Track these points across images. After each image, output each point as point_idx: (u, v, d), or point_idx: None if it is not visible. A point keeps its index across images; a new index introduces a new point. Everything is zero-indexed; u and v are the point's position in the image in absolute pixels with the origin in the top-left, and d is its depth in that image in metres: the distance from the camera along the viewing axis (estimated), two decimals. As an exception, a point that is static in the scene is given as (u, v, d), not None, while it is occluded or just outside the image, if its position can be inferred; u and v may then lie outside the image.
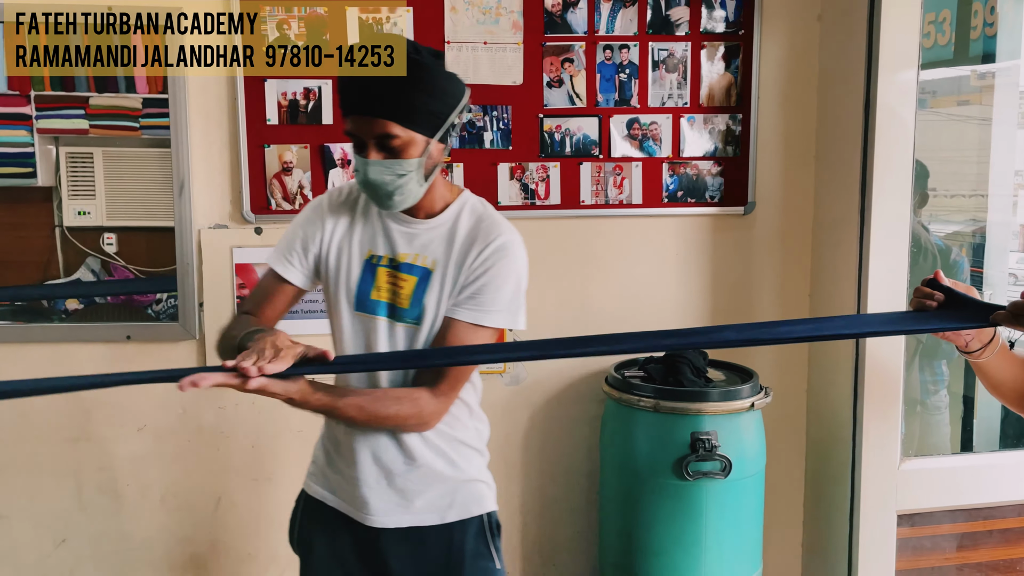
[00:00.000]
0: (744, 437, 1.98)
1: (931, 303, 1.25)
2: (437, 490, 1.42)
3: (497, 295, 1.34)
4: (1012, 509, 2.13)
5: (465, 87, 1.36)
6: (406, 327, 1.36)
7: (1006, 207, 2.75)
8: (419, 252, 1.37)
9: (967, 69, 3.01)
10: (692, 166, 2.23)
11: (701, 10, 2.18)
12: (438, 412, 1.35)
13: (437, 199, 1.38)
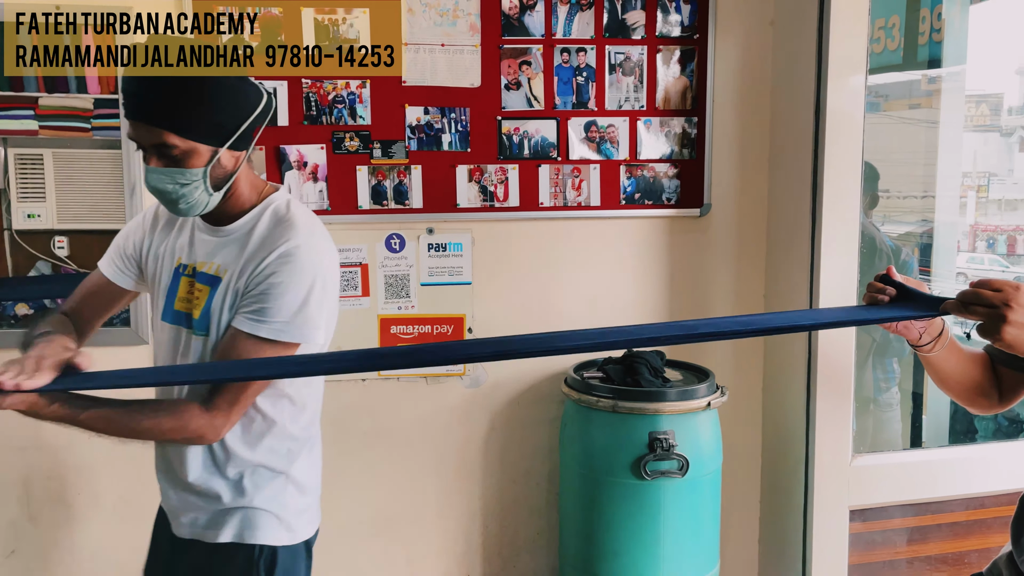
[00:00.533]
0: (701, 436, 2.00)
1: (883, 297, 1.29)
2: (208, 509, 1.35)
3: (278, 305, 1.25)
4: (960, 503, 2.18)
5: (263, 93, 1.30)
6: (197, 339, 1.31)
7: (953, 208, 2.83)
8: (214, 260, 1.32)
9: (918, 73, 3.09)
10: (649, 168, 2.25)
11: (657, 14, 2.20)
12: (213, 427, 1.25)
13: (243, 204, 1.33)
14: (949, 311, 1.19)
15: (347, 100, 2.09)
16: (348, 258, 2.14)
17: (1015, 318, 1.10)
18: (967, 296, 1.16)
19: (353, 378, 2.16)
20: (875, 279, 1.32)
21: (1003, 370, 1.44)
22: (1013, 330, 1.10)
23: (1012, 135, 6.11)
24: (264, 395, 1.31)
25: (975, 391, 1.45)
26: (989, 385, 1.45)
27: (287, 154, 2.09)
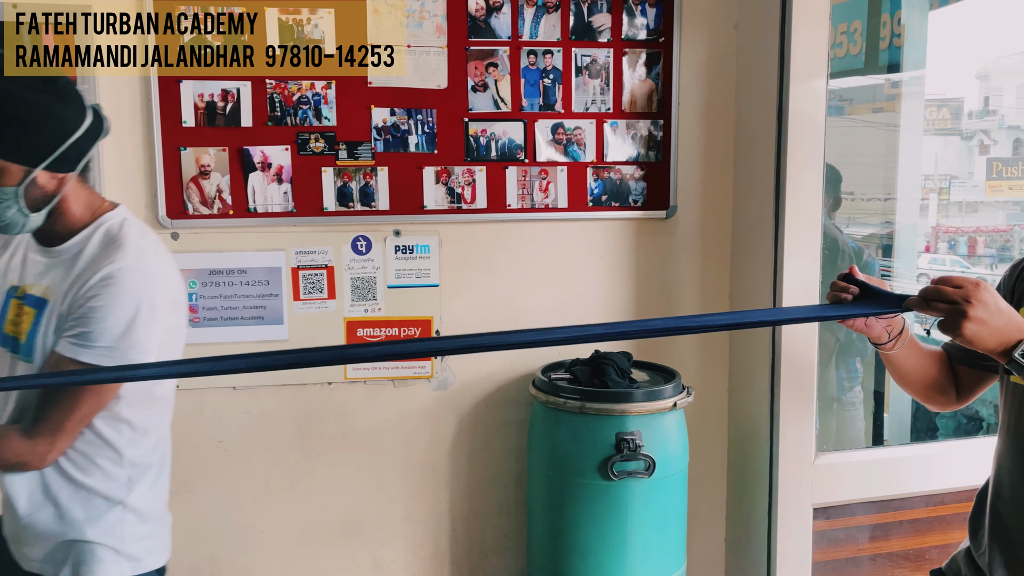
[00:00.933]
0: (667, 436, 2.02)
1: (847, 296, 1.32)
2: (42, 542, 1.30)
3: (100, 329, 1.21)
4: (921, 500, 2.22)
5: (88, 113, 1.28)
6: (23, 364, 1.28)
7: (913, 210, 2.88)
8: (42, 282, 1.29)
9: (881, 77, 3.15)
10: (616, 170, 2.26)
11: (622, 17, 2.22)
12: (36, 454, 1.22)
13: (74, 224, 1.30)
14: (912, 308, 1.22)
15: (312, 101, 2.07)
16: (314, 260, 2.13)
17: (975, 314, 1.12)
18: (929, 293, 1.18)
19: (318, 381, 2.14)
20: (839, 278, 1.35)
21: (960, 368, 1.48)
22: (973, 326, 1.13)
23: (972, 139, 6.23)
24: (102, 418, 1.27)
25: (934, 388, 1.48)
26: (947, 382, 1.48)
27: (251, 155, 2.06)
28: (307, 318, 2.13)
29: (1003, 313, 1.14)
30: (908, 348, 1.41)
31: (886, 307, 1.29)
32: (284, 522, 2.18)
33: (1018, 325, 1.14)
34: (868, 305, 1.30)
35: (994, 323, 1.13)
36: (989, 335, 1.13)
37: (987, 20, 3.71)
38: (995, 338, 1.13)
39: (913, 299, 1.22)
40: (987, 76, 6.24)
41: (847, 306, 1.32)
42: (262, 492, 2.16)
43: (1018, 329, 1.14)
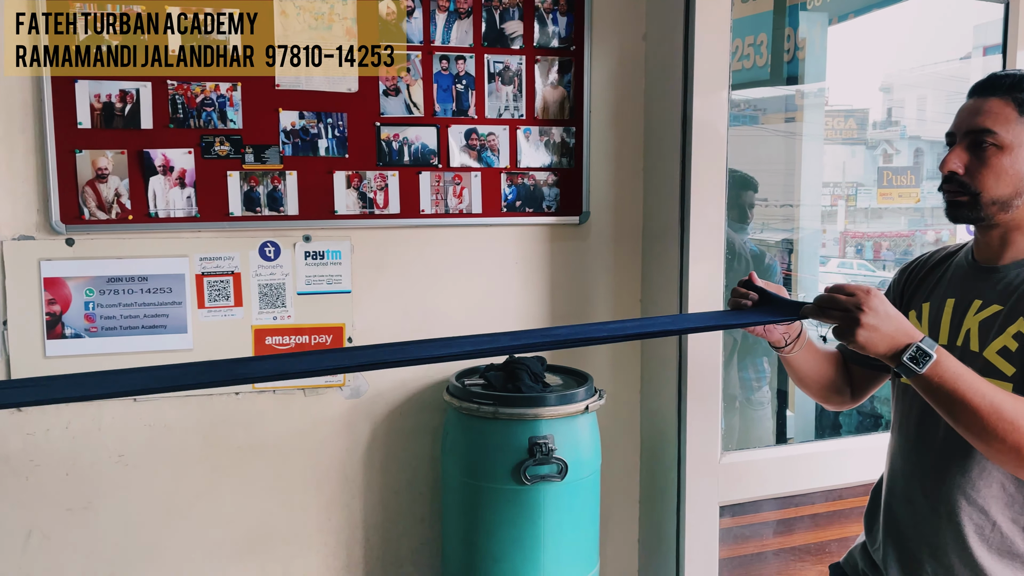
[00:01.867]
0: (580, 439, 2.04)
1: (746, 302, 1.36)
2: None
3: None
4: (821, 495, 2.31)
5: None
6: None
7: (816, 216, 3.00)
8: None
9: (792, 88, 3.27)
10: (529, 176, 2.28)
11: (534, 25, 2.24)
12: None
13: None
14: (807, 315, 1.27)
15: (217, 103, 2.02)
16: (219, 267, 2.07)
17: (866, 321, 1.18)
18: (823, 301, 1.23)
19: (226, 391, 2.09)
20: (738, 284, 1.39)
21: (854, 368, 1.55)
22: (865, 332, 1.18)
23: (876, 148, 6.53)
24: None
25: (830, 389, 1.54)
26: (843, 383, 1.55)
27: (152, 158, 1.99)
28: (213, 326, 2.07)
29: (892, 319, 1.19)
30: (806, 351, 1.47)
31: (783, 314, 1.33)
32: (190, 538, 2.11)
33: (906, 331, 1.19)
34: (766, 312, 1.35)
35: (884, 329, 1.18)
36: (880, 340, 1.18)
37: (885, 35, 3.90)
38: (885, 343, 1.18)
39: (808, 307, 1.27)
40: (890, 88, 6.56)
41: (746, 313, 1.36)
42: (166, 508, 2.09)
43: (906, 335, 1.19)
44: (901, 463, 1.42)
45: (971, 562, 1.31)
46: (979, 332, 1.31)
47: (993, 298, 1.32)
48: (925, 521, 1.36)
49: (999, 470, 1.29)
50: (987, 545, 1.30)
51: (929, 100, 6.12)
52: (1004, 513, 1.29)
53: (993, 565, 1.30)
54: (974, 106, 1.32)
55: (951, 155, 1.31)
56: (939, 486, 1.34)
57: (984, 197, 1.29)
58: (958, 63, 4.38)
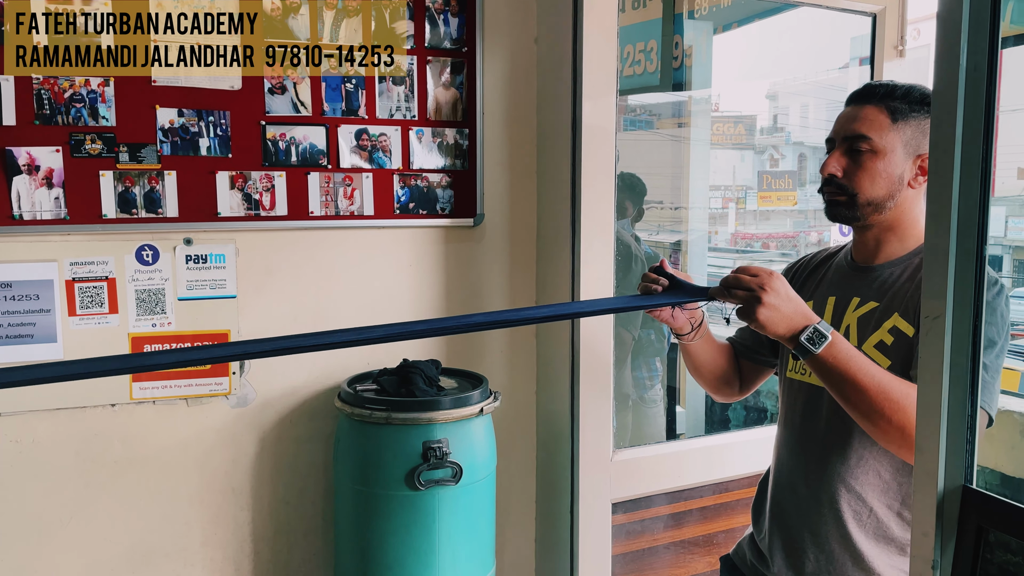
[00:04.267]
0: (475, 442, 2.03)
1: (657, 287, 1.41)
2: None
3: None
4: (709, 488, 2.39)
5: None
6: None
7: (704, 217, 3.11)
8: None
9: (684, 94, 3.37)
10: (423, 178, 2.26)
11: (425, 26, 2.22)
12: None
13: None
14: (714, 296, 1.33)
15: (87, 99, 1.91)
16: (92, 272, 1.95)
17: (768, 300, 1.24)
18: (729, 281, 1.29)
19: (100, 403, 1.97)
20: (650, 270, 1.43)
21: (743, 362, 1.62)
22: (766, 312, 1.24)
23: (764, 153, 6.82)
24: None
25: (722, 380, 1.61)
26: (733, 375, 1.62)
27: (15, 157, 1.86)
28: (85, 334, 1.95)
29: (792, 301, 1.26)
30: (705, 341, 1.54)
31: (692, 296, 1.39)
32: (65, 559, 1.98)
33: (804, 313, 1.26)
34: (676, 295, 1.40)
35: (784, 310, 1.24)
36: (780, 320, 1.24)
37: (767, 45, 4.08)
38: (784, 324, 1.24)
39: (715, 288, 1.33)
40: (775, 96, 6.86)
41: (657, 296, 1.41)
42: (37, 528, 1.95)
43: (804, 317, 1.25)
44: (786, 455, 1.49)
45: (850, 547, 1.38)
46: (858, 327, 1.39)
47: (870, 295, 1.40)
48: (808, 509, 1.42)
49: (876, 459, 1.36)
50: (864, 531, 1.37)
51: (811, 107, 6.45)
52: (880, 500, 1.37)
53: (870, 549, 1.37)
54: (851, 113, 1.40)
55: (830, 159, 1.39)
56: (820, 475, 1.41)
57: (860, 198, 1.37)
58: (837, 72, 4.63)
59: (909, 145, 1.36)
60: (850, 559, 1.38)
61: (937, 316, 0.87)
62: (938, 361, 0.87)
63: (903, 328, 1.33)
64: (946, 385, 0.87)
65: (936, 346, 0.87)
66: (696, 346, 1.53)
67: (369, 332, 1.44)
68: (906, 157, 1.36)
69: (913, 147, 1.36)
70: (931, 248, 0.87)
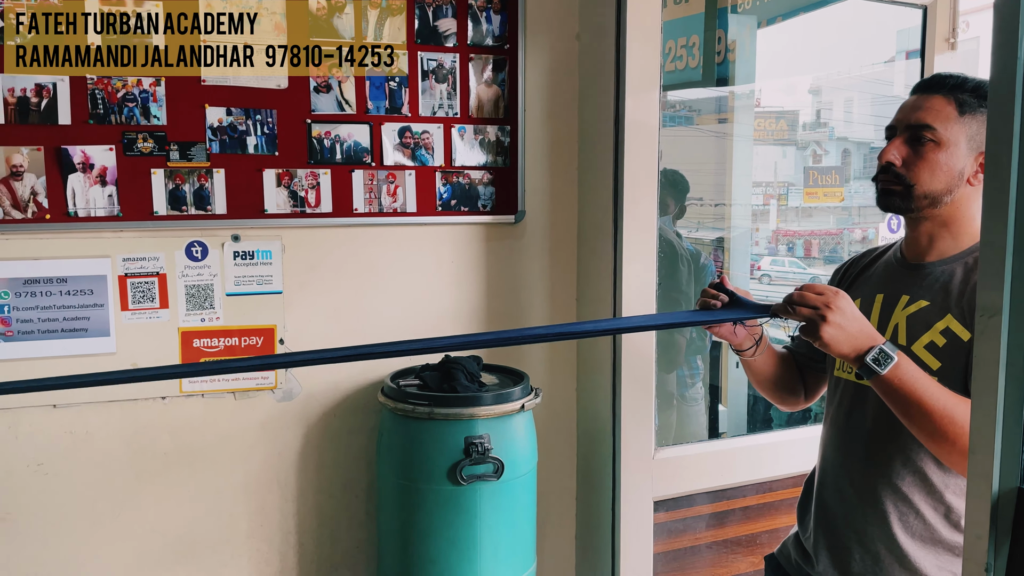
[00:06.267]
0: (516, 438, 2.04)
1: (716, 303, 1.40)
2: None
3: None
4: (752, 488, 2.36)
5: None
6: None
7: (746, 215, 3.07)
8: None
9: (725, 90, 3.34)
10: (464, 175, 2.27)
11: (468, 23, 2.23)
12: None
13: None
14: (777, 313, 1.31)
15: (139, 98, 1.96)
16: (144, 268, 2.00)
17: (833, 319, 1.22)
18: (793, 298, 1.27)
19: (151, 396, 2.02)
20: (709, 286, 1.43)
21: (806, 370, 1.61)
22: (831, 330, 1.22)
23: (806, 149, 6.72)
24: None
25: (786, 390, 1.60)
26: (797, 384, 1.61)
27: (70, 155, 1.92)
28: (137, 329, 2.00)
29: (857, 320, 1.24)
30: (766, 355, 1.52)
31: (754, 313, 1.37)
32: (113, 549, 2.04)
33: (869, 333, 1.24)
34: (737, 311, 1.38)
35: (849, 329, 1.22)
36: (844, 340, 1.22)
37: (814, 40, 4.01)
38: (849, 343, 1.23)
39: (779, 306, 1.30)
40: (819, 91, 6.75)
41: (718, 311, 1.39)
42: (88, 518, 2.01)
43: (869, 337, 1.23)
44: (832, 454, 1.47)
45: (896, 548, 1.35)
46: (907, 326, 1.36)
47: (921, 294, 1.37)
48: (854, 510, 1.40)
49: (923, 461, 1.34)
50: (910, 532, 1.35)
51: (856, 102, 6.33)
52: (926, 501, 1.34)
53: (916, 551, 1.35)
54: (916, 102, 1.36)
55: (890, 147, 1.36)
56: (866, 476, 1.38)
57: (917, 190, 1.34)
58: (882, 67, 4.54)
59: (973, 140, 1.32)
60: (896, 560, 1.36)
61: (993, 314, 0.85)
62: (994, 359, 0.85)
63: (957, 331, 1.30)
64: (1002, 384, 0.85)
65: (992, 344, 0.85)
66: (757, 361, 1.52)
67: (424, 344, 1.49)
68: (969, 152, 1.32)
69: (977, 143, 1.32)
70: (987, 243, 0.85)
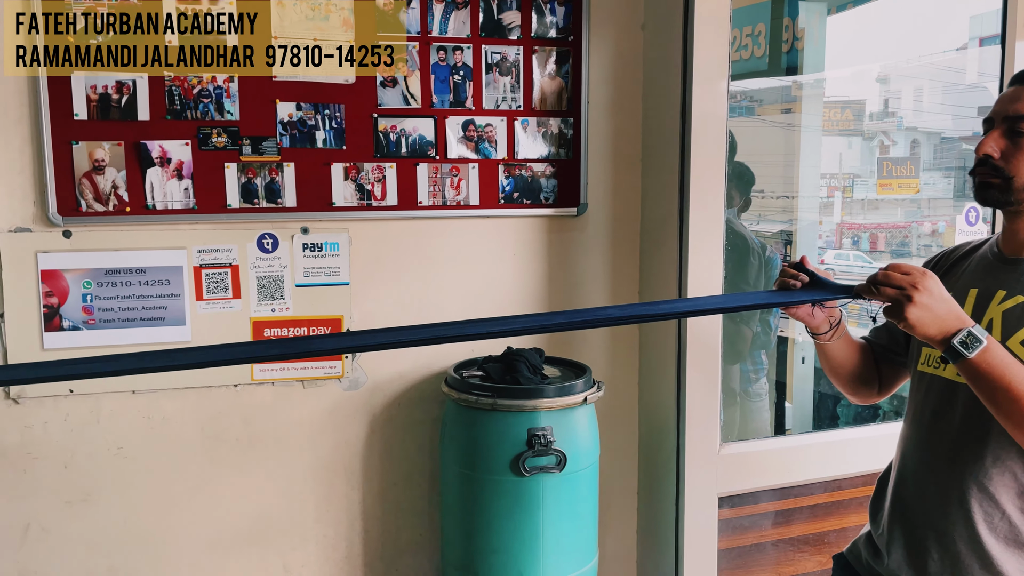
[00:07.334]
0: (578, 431, 2.04)
1: (795, 283, 1.36)
2: None
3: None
4: (820, 486, 2.31)
5: None
6: None
7: (813, 207, 3.00)
8: None
9: (789, 79, 3.27)
10: (527, 168, 2.27)
11: (532, 15, 2.23)
12: None
13: None
14: (861, 293, 1.27)
15: (213, 94, 2.01)
16: (217, 259, 2.06)
17: (920, 299, 1.18)
18: (878, 278, 1.24)
19: (224, 383, 2.08)
20: (789, 265, 1.40)
21: (882, 363, 1.56)
22: (917, 311, 1.19)
23: (873, 139, 6.52)
24: None
25: (860, 380, 1.56)
26: (872, 376, 1.56)
27: (148, 150, 1.98)
28: (211, 318, 2.06)
29: (945, 302, 1.20)
30: (842, 340, 1.49)
31: (836, 293, 1.33)
32: (188, 530, 2.11)
33: (958, 315, 1.20)
34: (817, 292, 1.35)
35: (936, 310, 1.19)
36: (931, 321, 1.19)
37: (884, 26, 3.89)
38: (936, 325, 1.19)
39: (862, 285, 1.27)
40: (887, 80, 6.54)
41: (798, 292, 1.36)
42: (164, 500, 2.09)
43: (958, 318, 1.20)
44: (913, 451, 1.42)
45: (979, 549, 1.31)
46: (1003, 322, 1.31)
47: (1018, 289, 1.32)
48: (935, 508, 1.36)
49: (1013, 460, 1.29)
50: (995, 534, 1.31)
51: (926, 91, 6.11)
52: (1014, 503, 1.30)
53: (1000, 553, 1.30)
54: (1015, 93, 1.32)
55: (988, 139, 1.32)
56: (951, 475, 1.34)
57: (1017, 182, 1.30)
58: (955, 54, 4.37)
59: None
60: (977, 562, 1.31)
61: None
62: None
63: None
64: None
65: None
66: (833, 346, 1.47)
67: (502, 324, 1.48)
68: None
69: None
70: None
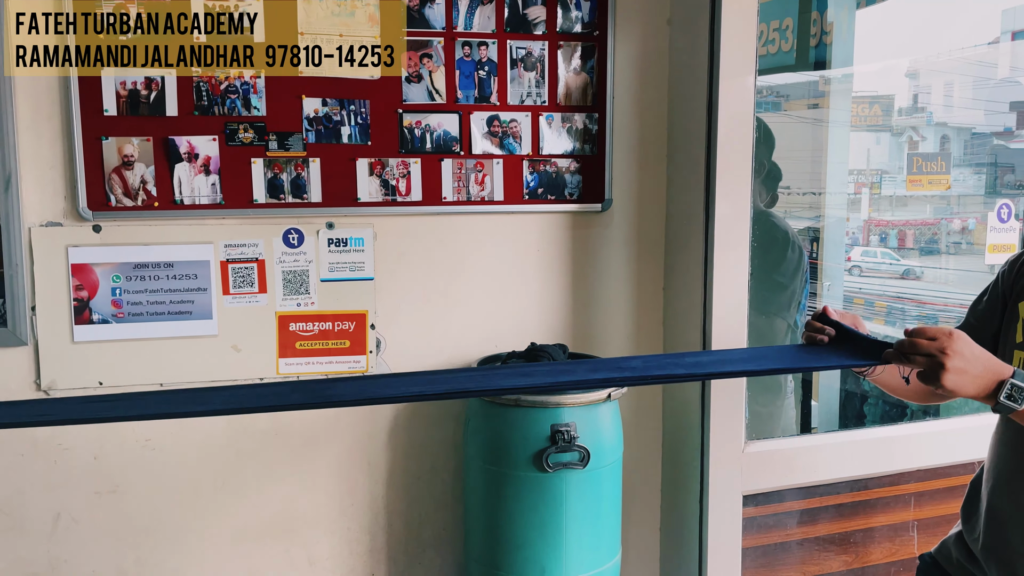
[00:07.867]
0: (602, 427, 2.03)
1: (823, 338, 1.33)
2: None
3: None
4: (845, 485, 2.29)
5: None
6: None
7: (841, 204, 2.96)
8: None
9: (815, 74, 3.23)
10: (551, 163, 2.27)
11: (557, 10, 2.22)
12: None
13: None
14: (890, 360, 1.24)
15: (240, 90, 2.02)
16: (243, 254, 2.08)
17: (952, 365, 1.15)
18: (905, 346, 1.20)
19: (249, 377, 2.10)
20: (813, 318, 1.36)
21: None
22: (952, 377, 1.15)
23: (902, 135, 6.42)
24: None
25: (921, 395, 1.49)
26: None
27: (177, 145, 2.00)
28: (237, 312, 2.08)
29: (978, 360, 1.17)
30: (889, 370, 1.44)
31: (863, 357, 1.30)
32: (215, 521, 2.13)
33: (995, 369, 1.17)
34: (845, 353, 1.32)
35: (972, 371, 1.15)
36: (969, 383, 1.16)
37: (914, 20, 3.83)
38: (975, 385, 1.16)
39: (891, 352, 1.24)
40: (916, 74, 6.43)
41: (824, 353, 1.33)
42: (191, 491, 2.11)
43: (995, 373, 1.17)
44: (1007, 453, 1.36)
45: None
46: None
47: None
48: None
49: None
50: None
51: (956, 86, 6.00)
52: None
53: None
54: None
55: None
56: None
57: None
58: (986, 48, 4.29)
59: None
60: None
61: None
62: None
63: None
64: None
65: None
66: (882, 377, 1.43)
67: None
68: None
69: None
70: None
